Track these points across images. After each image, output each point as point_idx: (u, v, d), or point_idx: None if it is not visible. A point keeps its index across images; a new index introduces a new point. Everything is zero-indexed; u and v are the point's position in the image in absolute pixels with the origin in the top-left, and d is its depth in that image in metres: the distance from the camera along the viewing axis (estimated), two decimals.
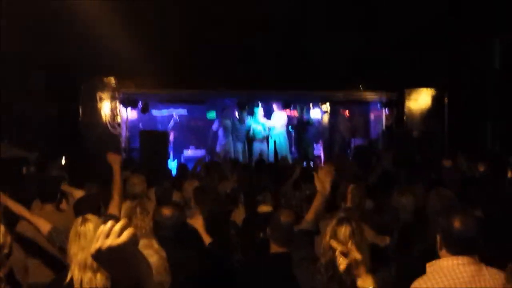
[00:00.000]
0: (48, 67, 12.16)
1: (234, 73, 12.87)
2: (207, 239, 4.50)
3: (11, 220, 5.93)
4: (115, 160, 5.18)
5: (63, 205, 6.08)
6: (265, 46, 12.69)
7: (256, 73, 12.89)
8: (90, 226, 3.53)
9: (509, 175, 7.91)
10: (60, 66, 12.17)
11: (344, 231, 3.19)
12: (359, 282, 2.39)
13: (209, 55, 12.58)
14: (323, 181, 3.97)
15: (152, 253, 3.03)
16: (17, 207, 4.98)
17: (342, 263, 2.37)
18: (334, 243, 2.52)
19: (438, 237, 3.06)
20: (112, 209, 4.87)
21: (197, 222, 4.62)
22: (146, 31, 12.12)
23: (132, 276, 1.62)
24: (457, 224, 2.97)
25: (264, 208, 5.82)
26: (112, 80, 13.68)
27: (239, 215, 6.06)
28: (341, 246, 2.43)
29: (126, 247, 1.57)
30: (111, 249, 1.55)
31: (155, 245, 3.24)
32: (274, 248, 4.03)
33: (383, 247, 4.48)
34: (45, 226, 4.74)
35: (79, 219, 3.61)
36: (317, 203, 3.98)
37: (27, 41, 11.50)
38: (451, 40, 12.66)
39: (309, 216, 3.96)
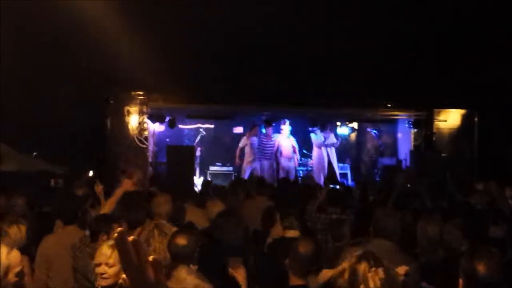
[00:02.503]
0: (78, 81, 12.30)
1: (261, 89, 12.84)
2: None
3: (36, 237, 5.98)
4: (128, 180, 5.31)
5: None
6: (294, 63, 12.66)
7: (284, 90, 12.86)
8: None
9: None
10: (89, 80, 12.29)
11: (363, 268, 3.08)
12: None
13: (237, 71, 12.60)
14: None
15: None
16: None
17: None
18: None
19: (460, 281, 2.94)
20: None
21: (240, 274, 4.27)
22: (175, 46, 12.20)
23: None
24: (481, 268, 2.84)
25: (291, 233, 5.70)
26: (140, 94, 13.75)
27: (277, 233, 5.93)
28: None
29: None
30: None
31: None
32: (293, 280, 3.92)
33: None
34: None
35: None
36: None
37: (58, 55, 11.67)
38: (481, 60, 12.48)
39: (323, 277, 3.79)
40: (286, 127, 15.01)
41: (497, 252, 3.25)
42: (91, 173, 12.18)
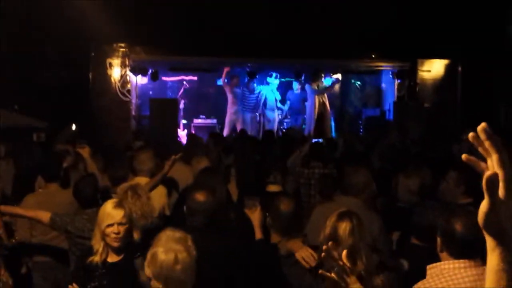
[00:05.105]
0: (58, 35, 12.07)
1: (244, 40, 12.69)
2: (258, 235, 3.96)
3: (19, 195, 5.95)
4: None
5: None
6: (276, 14, 12.48)
7: (267, 41, 12.71)
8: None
9: None
10: (70, 33, 12.07)
11: (344, 227, 3.10)
12: None
13: (220, 22, 12.41)
14: None
15: (182, 249, 2.92)
16: (11, 209, 4.96)
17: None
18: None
19: (438, 239, 2.96)
20: None
21: (254, 215, 4.08)
22: None
23: None
24: (458, 226, 2.83)
25: (273, 188, 5.70)
26: (122, 46, 13.53)
27: (232, 191, 5.89)
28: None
29: None
30: None
31: (189, 241, 3.06)
32: (274, 238, 3.89)
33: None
34: (45, 216, 4.63)
35: None
36: None
37: (37, 9, 11.43)
38: (465, 9, 12.38)
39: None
40: (274, 81, 15.06)
41: (474, 210, 3.26)
42: (74, 127, 12.08)
